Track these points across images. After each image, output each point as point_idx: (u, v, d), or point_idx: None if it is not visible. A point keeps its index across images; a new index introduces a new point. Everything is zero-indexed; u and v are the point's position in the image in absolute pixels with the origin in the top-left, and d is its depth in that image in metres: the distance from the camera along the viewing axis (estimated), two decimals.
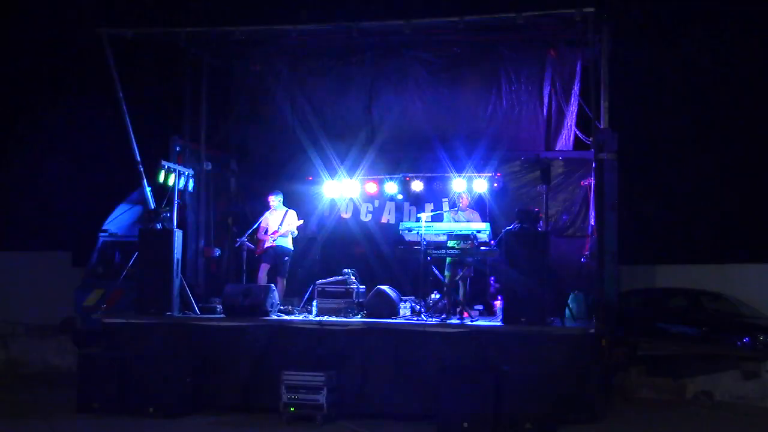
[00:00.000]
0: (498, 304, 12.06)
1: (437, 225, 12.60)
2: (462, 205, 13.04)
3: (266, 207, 13.26)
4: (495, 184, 13.71)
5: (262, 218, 13.17)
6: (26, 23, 22.45)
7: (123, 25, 12.40)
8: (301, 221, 13.34)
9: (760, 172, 21.15)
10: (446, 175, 13.79)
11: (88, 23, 12.29)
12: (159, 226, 12.38)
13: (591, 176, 11.93)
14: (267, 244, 13.02)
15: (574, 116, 13.23)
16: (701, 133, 21.47)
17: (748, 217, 21.27)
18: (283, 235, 13.09)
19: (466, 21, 11.96)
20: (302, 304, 12.88)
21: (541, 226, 11.95)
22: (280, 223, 13.10)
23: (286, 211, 13.27)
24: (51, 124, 23.11)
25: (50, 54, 21.97)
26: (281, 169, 14.83)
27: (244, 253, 13.11)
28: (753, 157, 20.94)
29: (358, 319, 11.87)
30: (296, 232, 13.33)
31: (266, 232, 13.10)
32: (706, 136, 21.37)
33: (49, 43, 21.85)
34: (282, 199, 13.32)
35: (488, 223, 12.42)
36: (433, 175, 14.00)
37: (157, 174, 12.41)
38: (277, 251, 13.07)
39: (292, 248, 13.32)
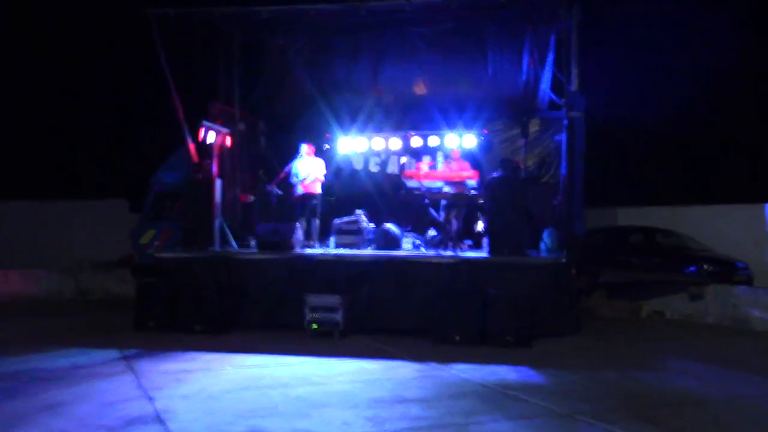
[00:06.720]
0: (484, 239, 12.16)
1: (434, 173, 12.70)
2: (454, 156, 13.11)
3: (291, 159, 13.31)
4: (482, 139, 13.79)
5: (291, 165, 13.19)
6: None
7: (167, 6, 12.34)
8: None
9: (703, 131, 21.26)
10: (441, 132, 13.86)
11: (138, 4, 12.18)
12: (202, 177, 12.50)
13: (563, 132, 11.91)
14: (299, 191, 13.05)
15: (549, 81, 13.18)
16: (655, 95, 21.50)
17: (695, 167, 21.43)
18: (312, 182, 13.09)
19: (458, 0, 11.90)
20: (322, 239, 13.04)
21: (520, 174, 12.06)
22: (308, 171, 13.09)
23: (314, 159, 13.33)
24: (112, 92, 23.26)
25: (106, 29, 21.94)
26: (303, 129, 14.90)
27: (273, 198, 13.26)
28: (696, 118, 21.04)
29: (367, 251, 12.01)
30: (323, 179, 13.31)
31: (295, 177, 13.09)
32: (660, 97, 21.40)
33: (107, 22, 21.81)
34: (313, 150, 13.35)
35: (476, 172, 12.52)
36: (431, 132, 14.04)
37: (199, 132, 12.47)
38: (306, 196, 13.12)
39: (320, 192, 13.30)
